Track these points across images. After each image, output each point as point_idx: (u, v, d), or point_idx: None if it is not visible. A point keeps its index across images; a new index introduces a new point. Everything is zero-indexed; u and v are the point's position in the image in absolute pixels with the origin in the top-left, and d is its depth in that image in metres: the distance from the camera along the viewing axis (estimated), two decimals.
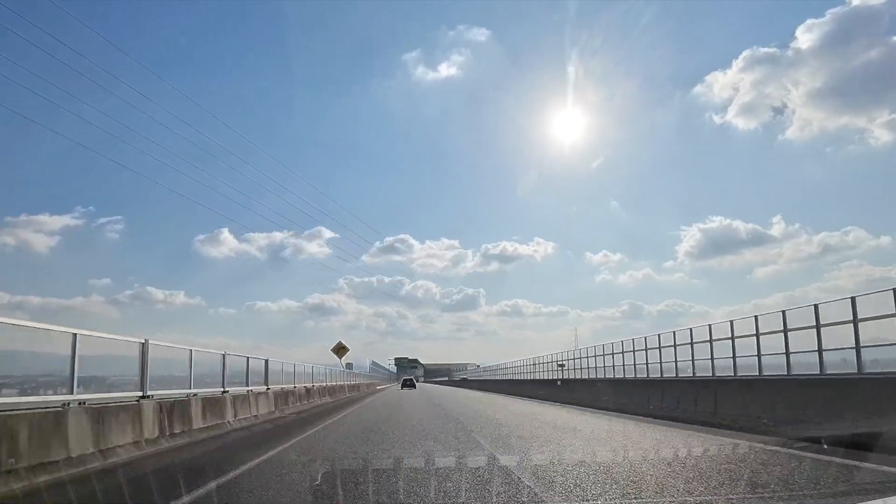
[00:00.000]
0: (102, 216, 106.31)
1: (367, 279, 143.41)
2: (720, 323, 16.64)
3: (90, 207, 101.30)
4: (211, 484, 6.31)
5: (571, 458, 8.29)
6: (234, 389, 14.90)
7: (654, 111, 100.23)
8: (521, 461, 7.94)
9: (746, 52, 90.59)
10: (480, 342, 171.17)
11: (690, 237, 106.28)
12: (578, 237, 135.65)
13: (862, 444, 7.91)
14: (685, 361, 18.37)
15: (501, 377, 57.99)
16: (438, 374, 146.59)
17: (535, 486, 6.05)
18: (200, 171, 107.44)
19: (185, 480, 6.22)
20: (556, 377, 33.96)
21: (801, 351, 12.70)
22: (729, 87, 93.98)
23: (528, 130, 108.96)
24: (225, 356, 14.74)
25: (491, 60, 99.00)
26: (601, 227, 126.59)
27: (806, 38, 78.01)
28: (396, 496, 5.72)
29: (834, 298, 12.06)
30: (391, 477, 6.81)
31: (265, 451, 9.35)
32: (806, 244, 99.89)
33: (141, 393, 9.89)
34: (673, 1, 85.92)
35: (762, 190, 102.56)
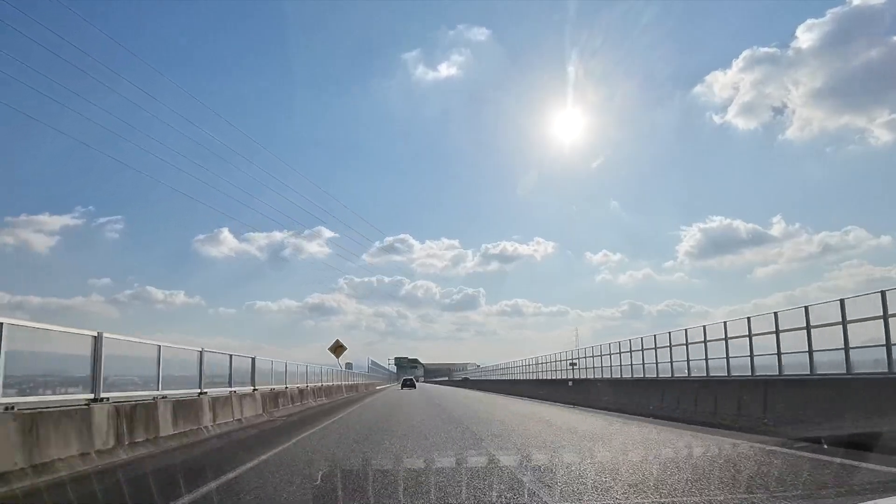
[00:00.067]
0: (102, 216, 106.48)
1: (367, 279, 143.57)
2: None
3: (90, 207, 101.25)
4: None
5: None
6: (213, 391, 13.54)
7: (654, 111, 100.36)
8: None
9: (746, 51, 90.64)
10: (480, 342, 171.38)
11: (690, 237, 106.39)
12: (578, 237, 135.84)
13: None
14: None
15: (502, 377, 58.01)
16: (438, 373, 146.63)
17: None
18: (202, 168, 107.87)
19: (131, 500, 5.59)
20: (558, 377, 33.73)
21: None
22: (729, 86, 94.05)
23: (528, 130, 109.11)
24: (202, 353, 13.32)
25: (491, 60, 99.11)
26: (601, 226, 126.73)
27: (806, 37, 78.09)
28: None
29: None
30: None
31: (245, 460, 8.09)
32: (806, 244, 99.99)
33: (92, 395, 8.48)
34: (673, 1, 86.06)
35: (762, 190, 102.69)
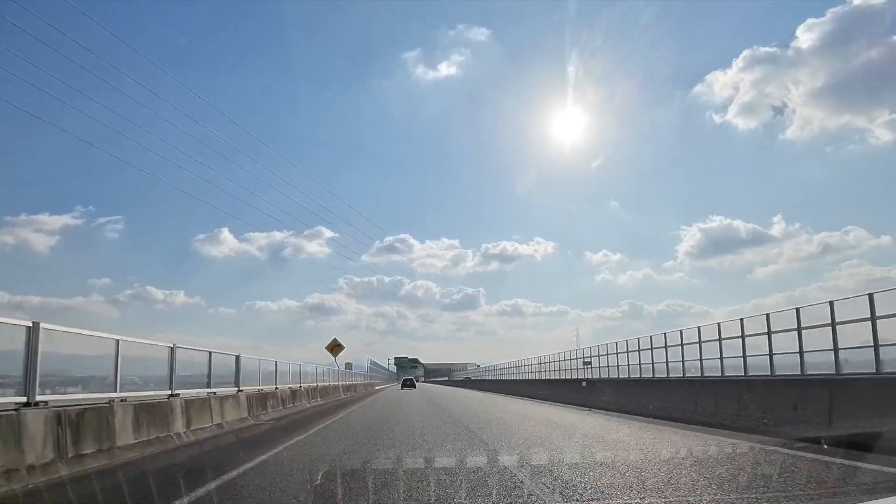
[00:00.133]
0: (102, 216, 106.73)
1: (367, 279, 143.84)
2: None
3: (90, 207, 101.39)
4: None
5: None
6: (189, 392, 12.18)
7: (654, 111, 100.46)
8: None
9: (747, 51, 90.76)
10: (480, 342, 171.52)
11: (690, 237, 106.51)
12: (578, 237, 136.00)
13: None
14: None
15: (502, 377, 58.02)
16: (438, 373, 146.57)
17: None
18: (202, 166, 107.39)
19: None
20: (561, 377, 33.09)
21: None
22: (729, 86, 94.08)
23: (528, 130, 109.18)
24: (174, 349, 11.62)
25: (491, 60, 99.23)
26: (601, 226, 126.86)
27: (806, 37, 78.20)
28: None
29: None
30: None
31: (214, 477, 6.71)
32: (806, 244, 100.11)
33: (24, 398, 7.11)
34: (673, 1, 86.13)
35: (762, 189, 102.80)
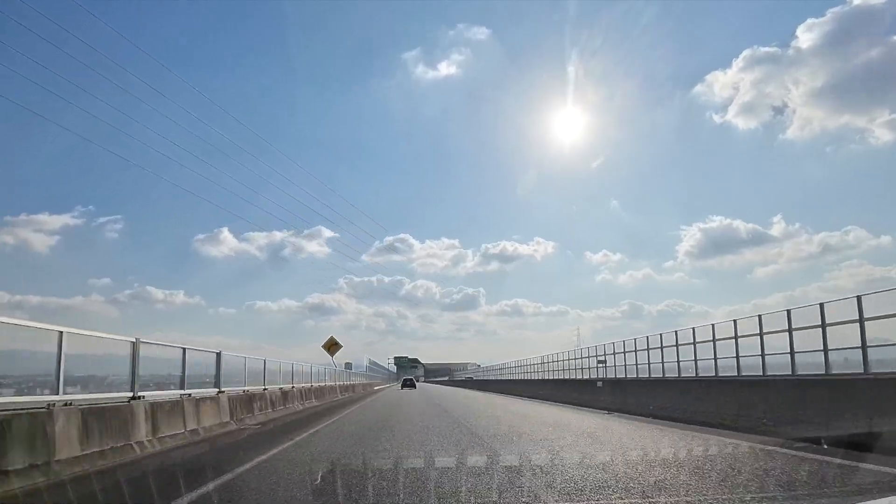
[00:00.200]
0: (102, 215, 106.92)
1: (367, 279, 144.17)
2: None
3: (90, 207, 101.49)
4: None
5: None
6: (157, 394, 10.68)
7: (654, 111, 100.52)
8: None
9: (747, 51, 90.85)
10: (480, 342, 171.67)
11: (690, 237, 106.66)
12: (578, 237, 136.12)
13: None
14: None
15: (502, 377, 58.02)
16: (438, 373, 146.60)
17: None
18: (203, 164, 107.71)
19: None
20: (563, 377, 32.35)
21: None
22: (729, 86, 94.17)
23: (528, 130, 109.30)
24: (136, 343, 9.81)
25: (491, 60, 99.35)
26: (601, 226, 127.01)
27: (806, 37, 78.30)
28: None
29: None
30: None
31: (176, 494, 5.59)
32: (806, 244, 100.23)
33: None
34: (673, 1, 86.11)
35: (762, 189, 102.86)
